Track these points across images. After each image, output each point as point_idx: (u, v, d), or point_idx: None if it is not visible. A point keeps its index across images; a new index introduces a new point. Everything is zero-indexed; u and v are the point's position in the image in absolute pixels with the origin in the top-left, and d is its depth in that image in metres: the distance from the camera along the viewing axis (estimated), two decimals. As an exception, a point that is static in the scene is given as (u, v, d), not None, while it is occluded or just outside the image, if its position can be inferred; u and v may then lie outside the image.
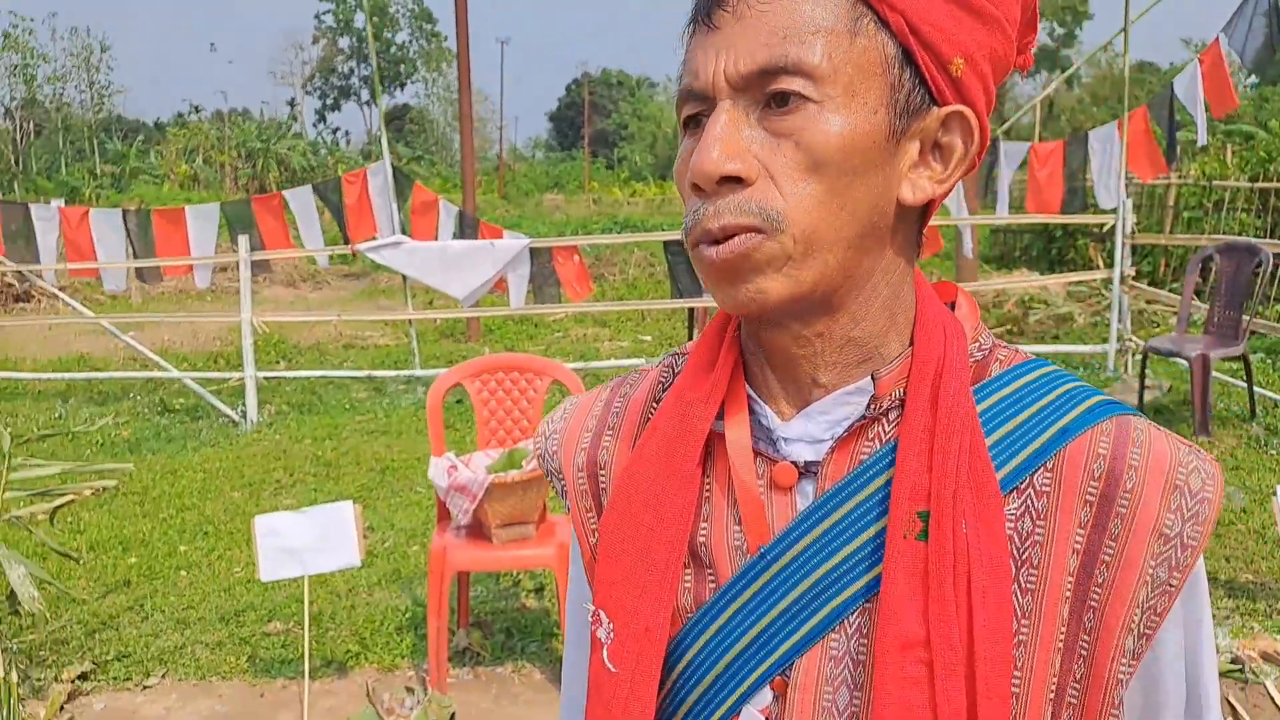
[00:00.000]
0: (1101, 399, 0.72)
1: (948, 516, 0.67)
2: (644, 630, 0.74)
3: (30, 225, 8.12)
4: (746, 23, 0.66)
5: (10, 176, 37.30)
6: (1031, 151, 8.08)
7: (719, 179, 0.66)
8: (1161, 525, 0.67)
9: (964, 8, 0.68)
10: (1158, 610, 0.68)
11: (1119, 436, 0.69)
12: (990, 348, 0.76)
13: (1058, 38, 45.70)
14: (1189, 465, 0.69)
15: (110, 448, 6.97)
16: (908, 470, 0.69)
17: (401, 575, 4.47)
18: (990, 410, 0.72)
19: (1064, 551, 0.69)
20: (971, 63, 0.69)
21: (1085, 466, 0.69)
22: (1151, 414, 6.51)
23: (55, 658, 3.84)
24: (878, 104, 0.67)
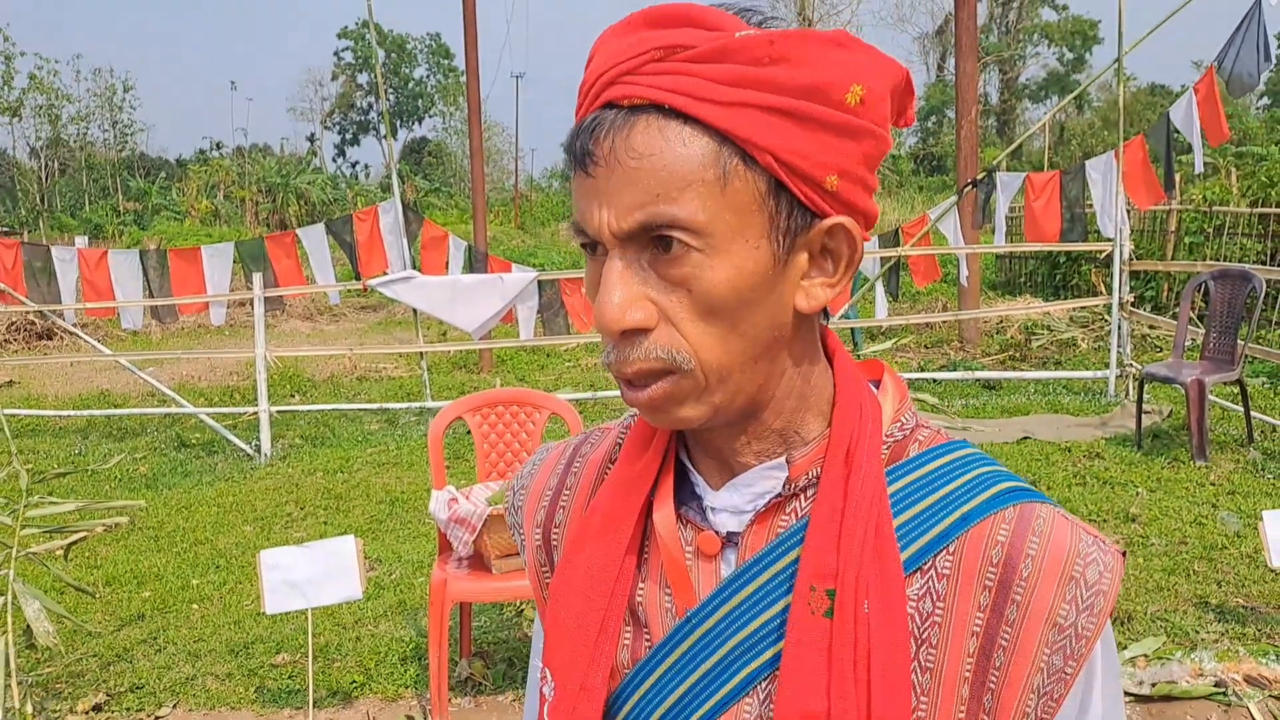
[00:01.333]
0: (1010, 486, 0.74)
1: (850, 596, 0.70)
2: (579, 688, 0.79)
3: (51, 265, 8.35)
4: (620, 176, 0.68)
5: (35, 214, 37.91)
6: (1027, 181, 8.19)
7: (622, 332, 0.70)
8: (1056, 615, 0.69)
9: (829, 130, 0.69)
10: (1054, 697, 0.70)
11: (1019, 524, 0.71)
12: (912, 427, 0.78)
13: (1067, 63, 45.79)
14: (1087, 557, 0.70)
15: (129, 483, 7.13)
16: (814, 549, 0.72)
17: (407, 607, 4.58)
18: (902, 491, 0.75)
19: (962, 633, 0.71)
20: (845, 174, 0.70)
21: (984, 552, 0.71)
22: (1149, 439, 6.57)
23: (71, 690, 3.96)
24: (759, 238, 0.69)
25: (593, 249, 0.72)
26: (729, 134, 0.67)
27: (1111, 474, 5.99)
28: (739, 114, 0.67)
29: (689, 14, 0.70)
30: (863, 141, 0.70)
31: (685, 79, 0.68)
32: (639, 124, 0.68)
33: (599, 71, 0.71)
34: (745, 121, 0.67)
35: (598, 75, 0.71)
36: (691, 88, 0.67)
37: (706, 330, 0.70)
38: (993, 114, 44.76)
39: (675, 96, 0.67)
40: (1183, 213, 11.34)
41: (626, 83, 0.69)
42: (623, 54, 0.70)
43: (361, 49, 56.89)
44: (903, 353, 10.80)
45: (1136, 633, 3.98)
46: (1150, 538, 4.96)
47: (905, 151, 42.98)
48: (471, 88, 11.30)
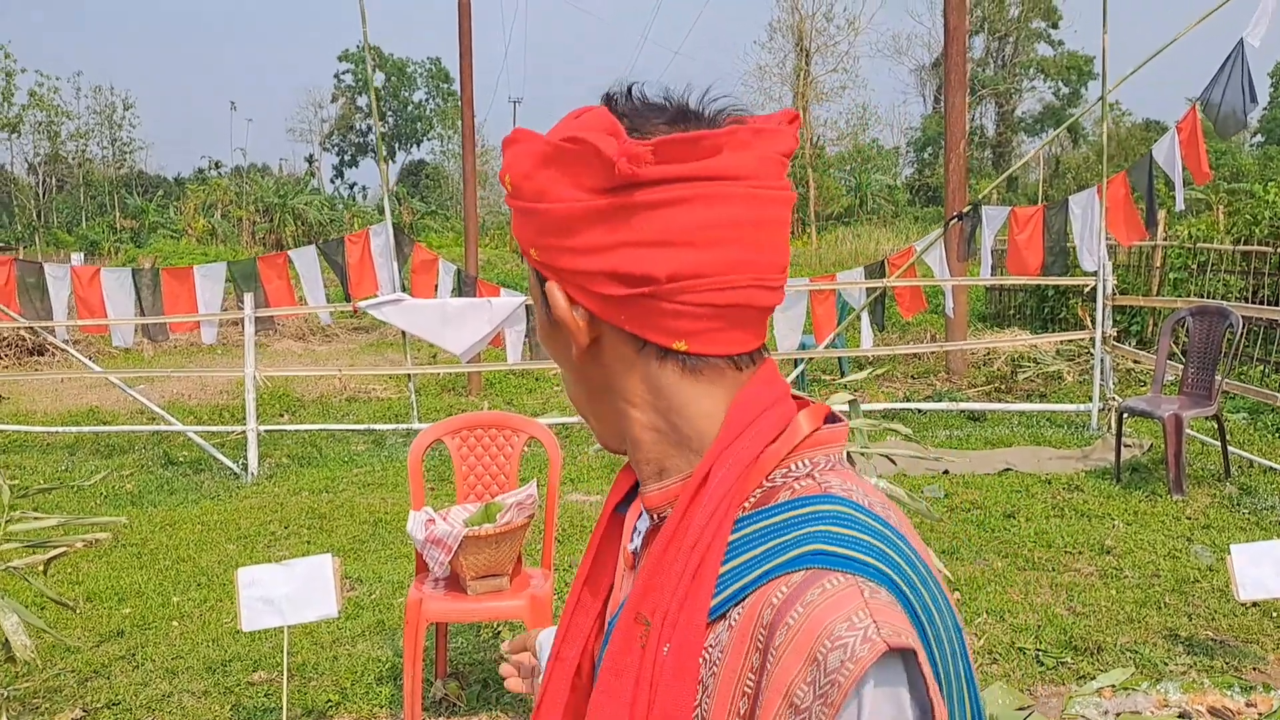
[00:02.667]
0: (820, 548, 0.71)
1: (656, 635, 0.74)
2: (555, 656, 0.91)
3: (44, 282, 8.41)
4: None
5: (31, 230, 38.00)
6: (1011, 215, 8.30)
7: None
8: (793, 693, 0.67)
9: (517, 214, 0.82)
10: None
11: (797, 590, 0.70)
12: (799, 475, 0.78)
13: (1063, 97, 46.22)
14: (836, 640, 0.66)
15: (114, 499, 7.15)
16: (643, 583, 0.77)
17: (385, 627, 4.61)
18: (744, 538, 0.75)
19: (729, 688, 0.71)
20: (540, 248, 0.80)
21: (759, 612, 0.71)
22: (1128, 473, 6.63)
23: (48, 705, 3.98)
24: (539, 300, 0.86)
25: None
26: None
27: (1090, 506, 6.05)
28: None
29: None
30: (531, 217, 0.80)
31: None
32: None
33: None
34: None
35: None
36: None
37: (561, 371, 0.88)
38: (988, 146, 45.13)
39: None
40: (1168, 249, 11.46)
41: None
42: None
43: (361, 72, 57.27)
44: (889, 383, 10.87)
45: (1106, 663, 4.02)
46: (1124, 570, 5.01)
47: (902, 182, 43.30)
48: (466, 115, 11.42)
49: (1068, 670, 4.01)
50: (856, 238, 27.16)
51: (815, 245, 26.33)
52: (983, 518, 5.91)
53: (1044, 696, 3.84)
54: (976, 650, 4.19)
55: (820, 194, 34.13)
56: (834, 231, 31.12)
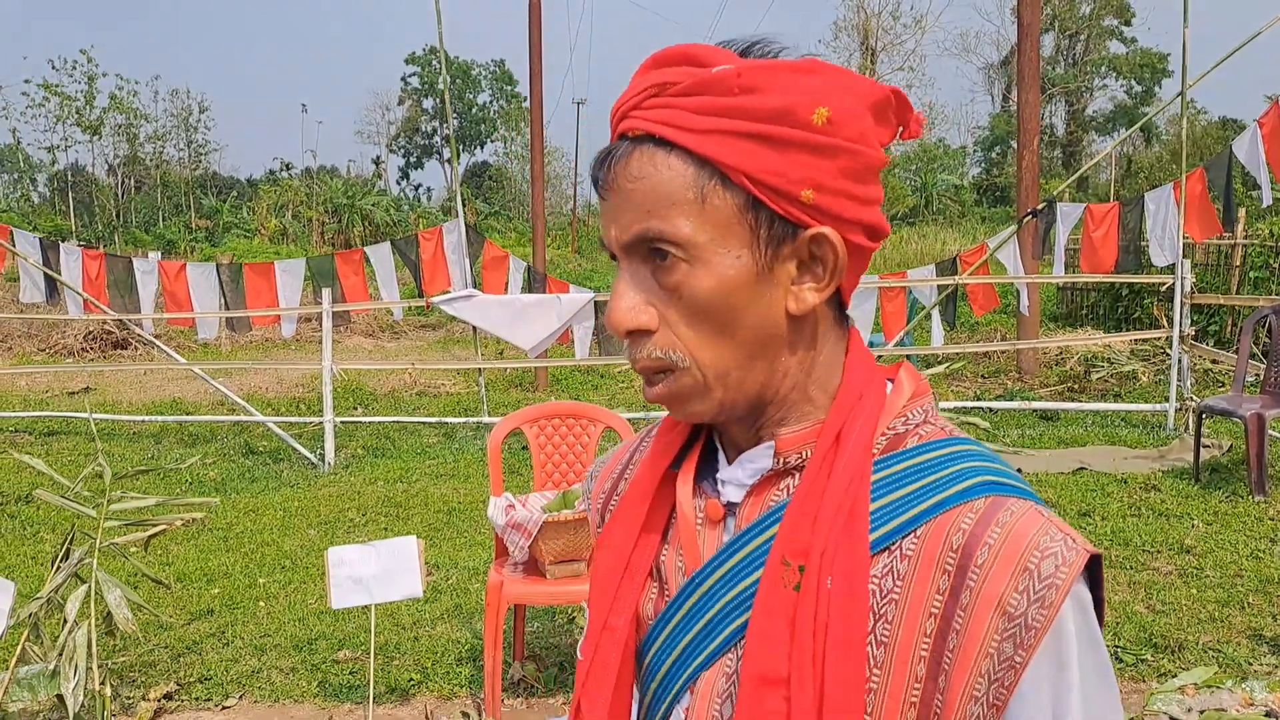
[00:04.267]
0: (990, 480, 0.77)
1: (814, 573, 0.76)
2: (603, 626, 0.89)
3: (132, 276, 8.71)
4: (621, 197, 0.80)
5: (111, 229, 39.15)
6: (1087, 212, 8.17)
7: (625, 332, 0.81)
8: (1006, 603, 0.72)
9: (798, 149, 0.76)
10: (1004, 684, 0.72)
11: (985, 514, 0.75)
12: (919, 422, 0.83)
13: (1135, 95, 45.17)
14: (1045, 550, 0.72)
15: (199, 486, 7.39)
16: (791, 525, 0.79)
17: (463, 610, 4.72)
18: (888, 478, 0.80)
19: (917, 613, 0.75)
20: (822, 189, 0.77)
21: (946, 538, 0.75)
22: (1208, 473, 6.51)
23: (143, 678, 4.15)
24: (741, 249, 0.78)
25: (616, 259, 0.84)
26: (706, 158, 0.77)
27: (1168, 506, 5.95)
28: (713, 140, 0.76)
29: (688, 53, 0.80)
30: (836, 157, 0.77)
31: (670, 111, 0.78)
32: (635, 153, 0.79)
33: (615, 108, 0.82)
34: (718, 146, 0.76)
35: (614, 111, 0.82)
36: (674, 119, 0.77)
37: (698, 332, 0.79)
38: (1059, 145, 44.27)
39: (662, 127, 0.78)
40: (1249, 247, 11.18)
41: (631, 117, 0.80)
42: (631, 92, 0.81)
43: (428, 75, 58.04)
44: (959, 382, 10.76)
45: (1188, 662, 3.98)
46: (1205, 569, 4.93)
47: (968, 182, 42.65)
48: (535, 116, 11.56)
49: (1148, 667, 3.97)
50: (922, 238, 26.86)
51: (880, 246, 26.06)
52: (1058, 516, 5.84)
53: (1124, 693, 3.80)
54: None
55: (885, 193, 33.77)
56: (899, 232, 30.82)
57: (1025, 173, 9.91)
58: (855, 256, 0.82)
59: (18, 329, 16.08)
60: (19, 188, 46.36)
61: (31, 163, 45.15)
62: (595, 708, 0.89)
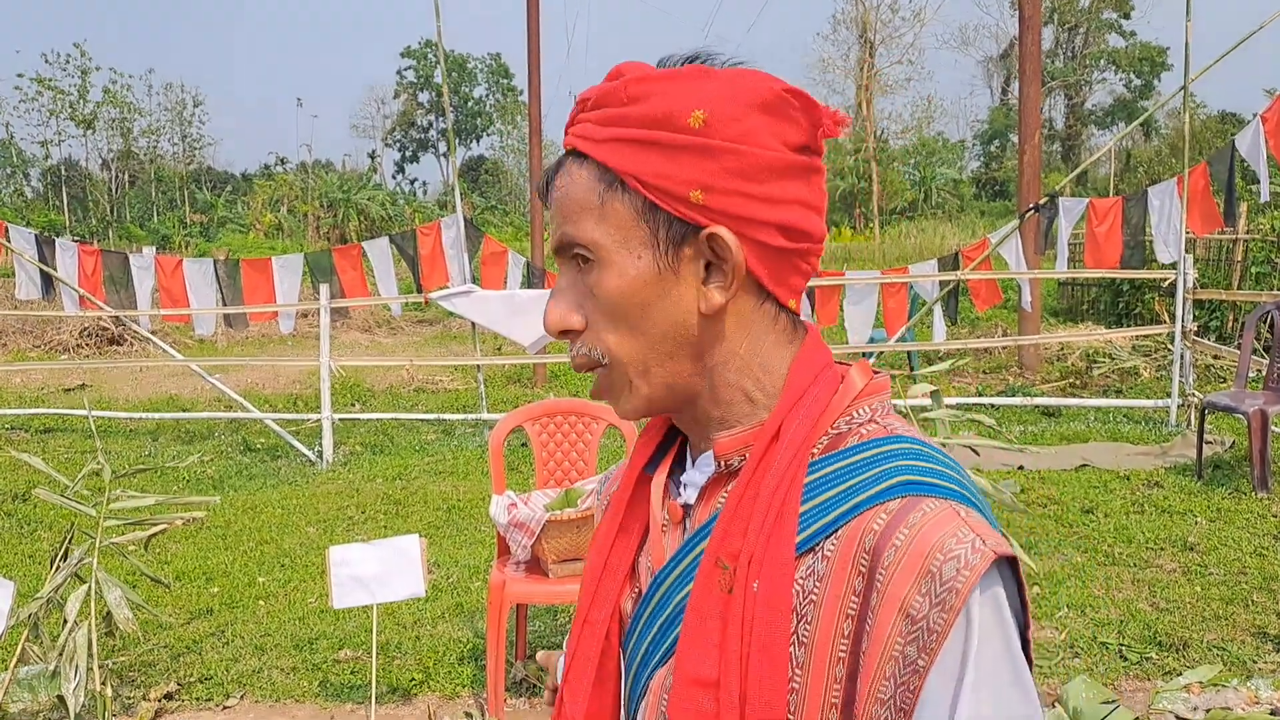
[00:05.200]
0: (912, 480, 0.77)
1: (743, 576, 0.78)
2: (584, 621, 0.93)
3: (129, 272, 8.67)
4: (553, 208, 0.86)
5: (105, 224, 39.05)
6: (1090, 207, 8.14)
7: (558, 333, 0.86)
8: (909, 606, 0.72)
9: (680, 151, 0.79)
10: (910, 688, 0.72)
11: (897, 516, 0.75)
12: (864, 421, 0.84)
13: (1135, 89, 45.15)
14: (948, 553, 0.72)
15: (196, 484, 7.36)
16: (723, 528, 0.81)
17: (464, 609, 4.69)
18: (822, 479, 0.80)
19: (833, 613, 0.76)
20: (710, 189, 0.79)
21: (860, 539, 0.76)
22: (1210, 469, 6.49)
23: (143, 678, 4.12)
24: (641, 249, 0.81)
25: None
26: (604, 164, 0.82)
27: (1170, 503, 5.93)
28: (608, 148, 0.81)
29: (619, 70, 0.85)
30: (719, 158, 0.79)
31: (584, 125, 0.84)
32: (563, 166, 0.85)
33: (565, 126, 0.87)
34: (612, 153, 0.81)
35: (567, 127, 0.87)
36: (585, 131, 0.83)
37: (615, 330, 0.83)
38: (1058, 139, 44.26)
39: (577, 140, 0.84)
40: (1250, 242, 11.17)
41: (567, 134, 0.86)
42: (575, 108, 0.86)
43: (423, 68, 57.89)
44: (961, 377, 10.74)
45: (1192, 660, 3.96)
46: (1209, 567, 4.91)
47: (967, 176, 42.64)
48: (533, 110, 11.51)
49: (1152, 666, 3.95)
50: (921, 232, 26.82)
51: (878, 240, 26.07)
52: (1060, 513, 5.83)
53: (1128, 691, 3.79)
54: (1057, 644, 4.14)
55: (883, 188, 33.81)
56: (897, 226, 30.79)
57: (1026, 167, 9.88)
58: (774, 256, 0.82)
59: (12, 325, 16.02)
60: (12, 183, 46.21)
61: (25, 157, 45.00)
62: (576, 700, 0.91)
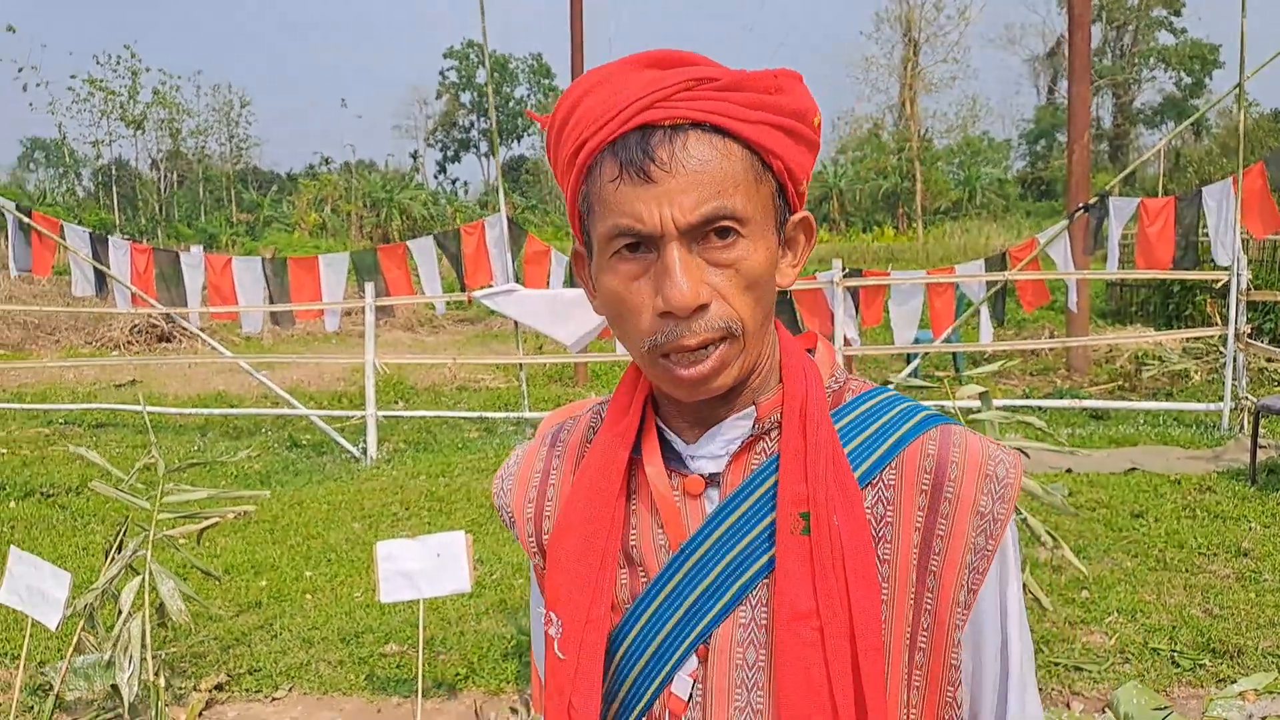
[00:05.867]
0: (928, 413, 0.94)
1: (823, 515, 0.87)
2: (585, 620, 0.93)
3: (179, 270, 8.81)
4: (682, 179, 0.83)
5: (154, 223, 39.73)
6: (1141, 207, 8.00)
7: (695, 309, 0.85)
8: (978, 505, 0.88)
9: (807, 145, 0.91)
10: (979, 570, 0.89)
11: (943, 441, 0.91)
12: (844, 381, 0.98)
13: (1185, 87, 44.35)
14: (995, 458, 0.90)
15: (244, 479, 7.46)
16: (788, 482, 0.89)
17: (508, 605, 4.72)
18: (847, 427, 0.93)
19: (909, 529, 0.89)
20: (807, 181, 0.93)
21: (919, 464, 0.90)
22: (1264, 474, 6.36)
23: (194, 669, 4.19)
24: (773, 227, 0.90)
25: (635, 247, 0.86)
26: (756, 145, 0.87)
27: (1223, 508, 5.82)
28: (761, 130, 0.87)
29: (689, 57, 0.88)
30: (815, 157, 0.93)
31: (719, 103, 0.85)
32: (691, 138, 0.84)
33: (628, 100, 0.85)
34: (766, 135, 0.87)
35: (628, 103, 0.85)
36: (726, 110, 0.85)
37: (748, 301, 0.87)
38: (1105, 139, 43.59)
39: (716, 116, 0.85)
40: (1306, 243, 10.92)
41: (663, 107, 0.84)
42: (649, 86, 0.85)
43: (466, 68, 58.28)
44: (1007, 379, 10.61)
45: (1247, 667, 3.88)
46: (1263, 573, 4.81)
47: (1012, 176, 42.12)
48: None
49: (1206, 673, 3.88)
50: (965, 232, 26.54)
51: (921, 240, 25.84)
52: (1109, 517, 5.75)
53: (1181, 698, 3.72)
54: (1107, 649, 4.08)
55: (927, 187, 33.51)
56: (940, 226, 30.50)
57: (1076, 167, 9.73)
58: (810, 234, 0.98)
59: (64, 322, 16.35)
60: (64, 182, 47.16)
61: (77, 157, 45.92)
62: (588, 702, 0.92)
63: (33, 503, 6.87)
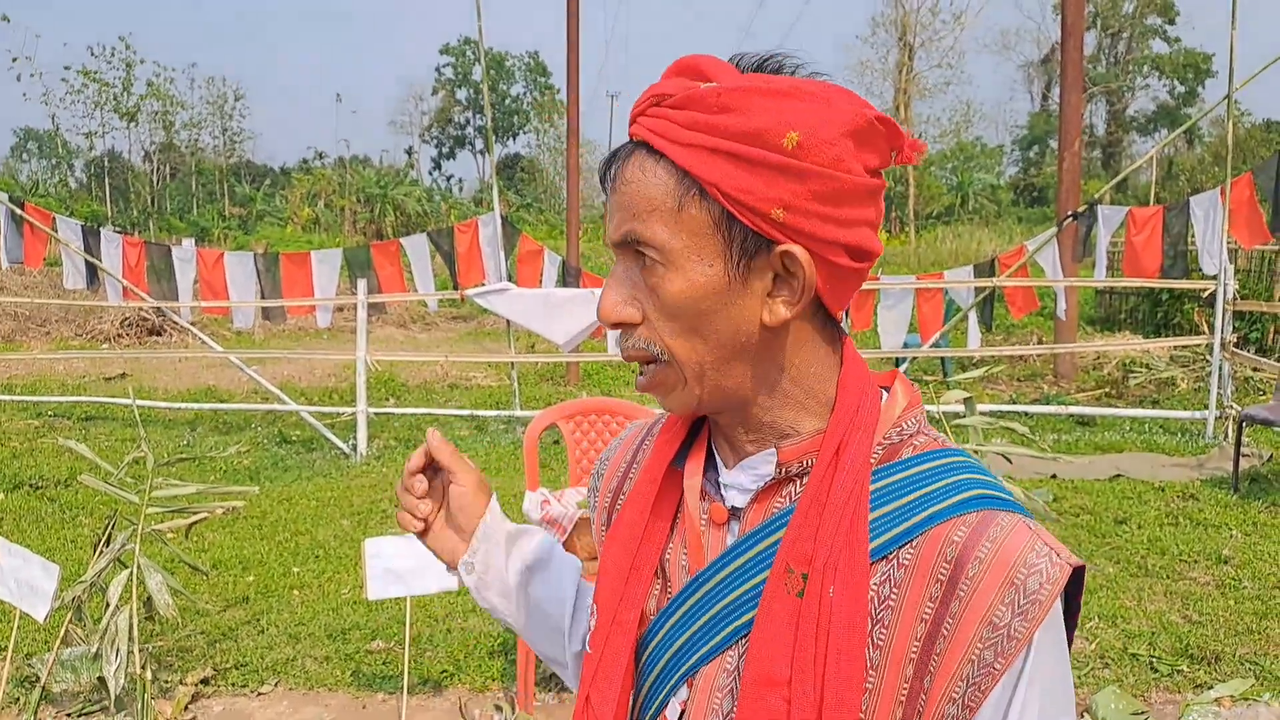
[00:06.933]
0: (982, 494, 0.82)
1: (819, 580, 0.80)
2: (613, 620, 0.93)
3: (171, 264, 8.81)
4: (616, 198, 0.84)
5: (146, 216, 39.63)
6: (1129, 216, 8.06)
7: (612, 324, 0.86)
8: (992, 615, 0.76)
9: (768, 169, 0.78)
10: (980, 688, 0.77)
11: (977, 528, 0.79)
12: (912, 433, 0.87)
13: (1178, 96, 44.53)
14: (1031, 567, 0.77)
15: (233, 474, 7.47)
16: (795, 534, 0.83)
17: (495, 604, 4.74)
18: (885, 488, 0.84)
19: (911, 618, 0.79)
20: (792, 209, 0.79)
21: (940, 549, 0.79)
22: (1247, 482, 6.42)
23: (181, 663, 4.20)
24: (713, 258, 0.81)
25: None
26: (686, 170, 0.80)
27: (1205, 515, 5.88)
28: (693, 154, 0.80)
29: (694, 65, 0.83)
30: (806, 181, 0.79)
31: (662, 122, 0.81)
32: (632, 157, 0.83)
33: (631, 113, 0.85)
34: (697, 160, 0.79)
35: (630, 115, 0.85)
36: (664, 130, 0.81)
37: (674, 330, 0.83)
38: (1098, 146, 43.76)
39: (654, 136, 0.82)
40: (1292, 253, 11.01)
41: (636, 122, 0.84)
42: (641, 98, 0.84)
43: (462, 65, 58.21)
44: (994, 385, 10.67)
45: (1224, 673, 3.93)
46: (1243, 580, 4.87)
47: (1005, 181, 42.25)
48: (571, 110, 11.56)
49: (1183, 678, 3.93)
50: (957, 237, 26.61)
51: (914, 244, 25.91)
52: (1093, 523, 5.80)
53: (1159, 703, 3.77)
54: (1088, 654, 4.13)
55: (920, 192, 33.59)
56: (933, 230, 30.58)
57: (1066, 174, 9.79)
58: (838, 275, 0.84)
59: (55, 314, 16.31)
60: (57, 173, 47.01)
61: (69, 148, 45.77)
62: (605, 701, 0.91)
63: (21, 495, 6.87)
